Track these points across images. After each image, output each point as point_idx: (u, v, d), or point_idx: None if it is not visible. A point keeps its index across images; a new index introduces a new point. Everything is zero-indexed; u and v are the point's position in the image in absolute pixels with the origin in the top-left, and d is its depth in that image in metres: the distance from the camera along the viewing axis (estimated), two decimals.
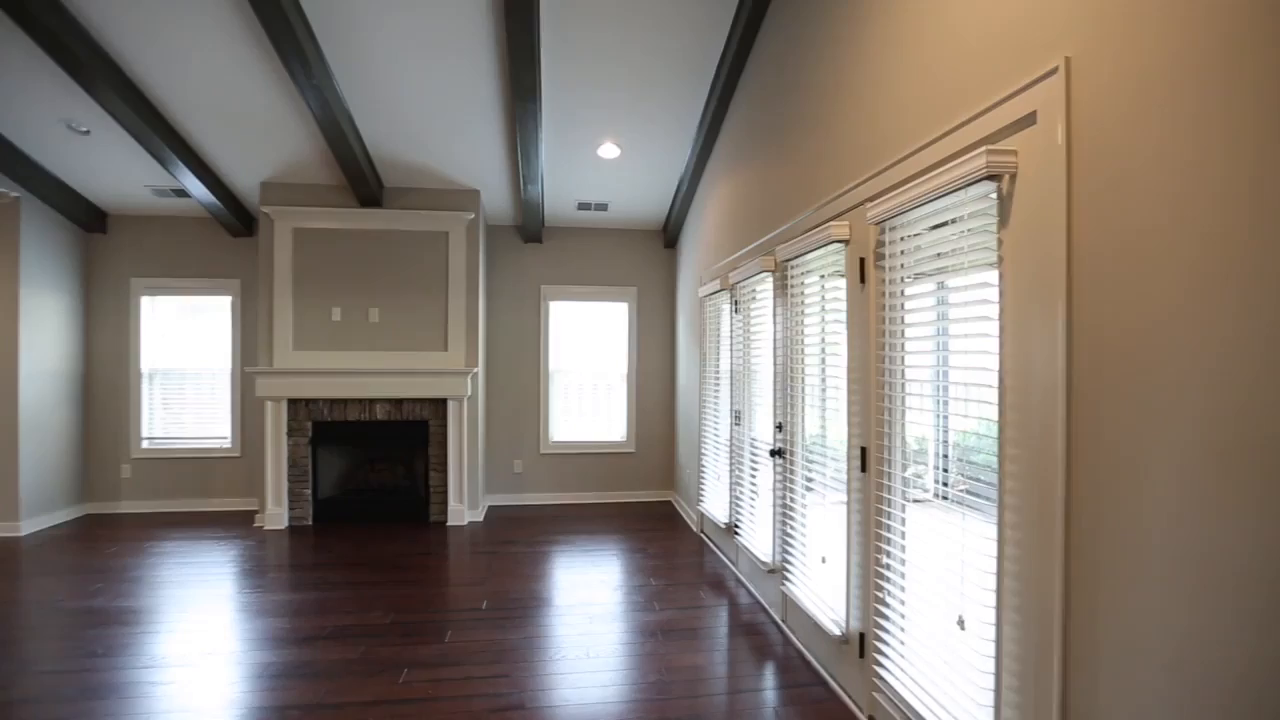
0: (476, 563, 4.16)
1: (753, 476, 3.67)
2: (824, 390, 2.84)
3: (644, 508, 5.67)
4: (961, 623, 1.80)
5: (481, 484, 5.44)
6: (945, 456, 2.08)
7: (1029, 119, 1.53)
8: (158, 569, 4.00)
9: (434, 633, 3.08)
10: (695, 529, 4.94)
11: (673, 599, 3.52)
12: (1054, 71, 1.44)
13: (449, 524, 5.05)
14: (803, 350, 2.96)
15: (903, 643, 2.08)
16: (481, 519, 5.26)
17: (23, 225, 4.68)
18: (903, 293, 2.15)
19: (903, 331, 2.14)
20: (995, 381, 1.66)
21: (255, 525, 4.96)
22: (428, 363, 5.06)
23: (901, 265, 2.13)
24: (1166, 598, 1.20)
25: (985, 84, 1.70)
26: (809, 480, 2.93)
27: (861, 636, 2.35)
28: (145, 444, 5.45)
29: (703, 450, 4.71)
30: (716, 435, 4.39)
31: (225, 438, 5.52)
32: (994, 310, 1.67)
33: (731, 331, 3.98)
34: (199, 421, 5.53)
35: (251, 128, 4.23)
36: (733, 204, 4.06)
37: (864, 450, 2.34)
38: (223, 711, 2.40)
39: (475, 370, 5.11)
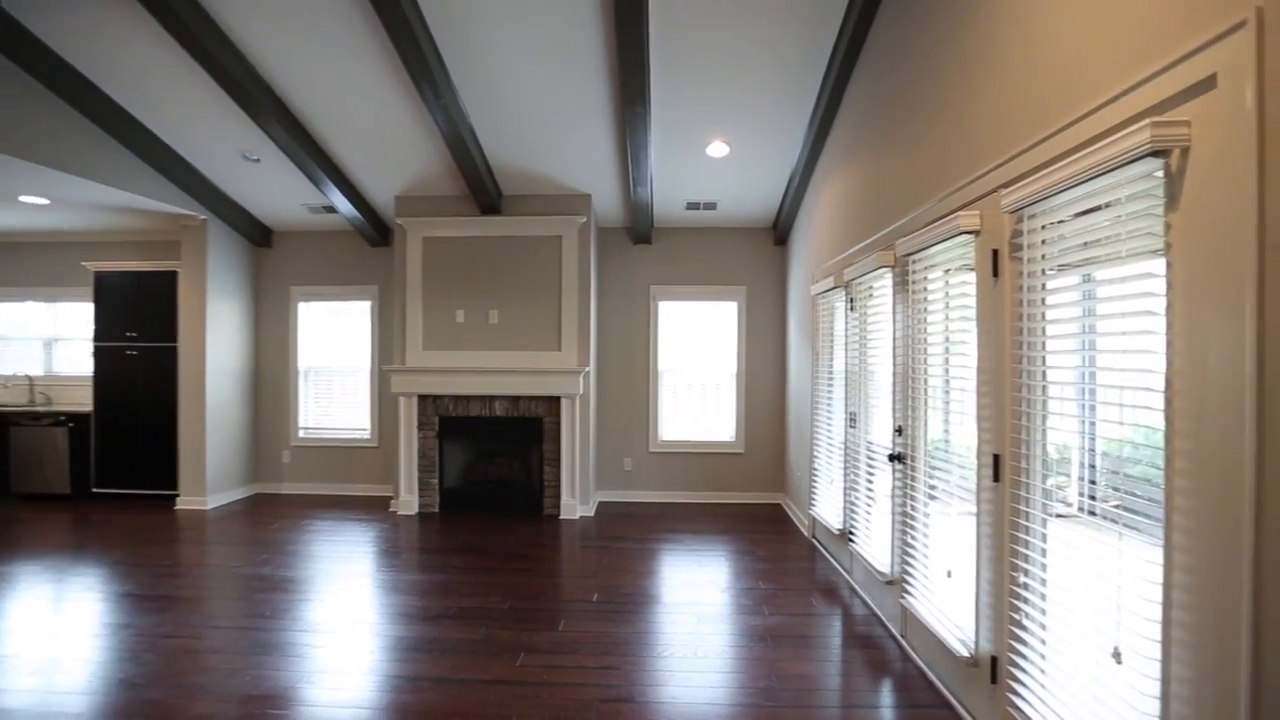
0: (587, 556, 4.29)
1: (869, 482, 3.49)
2: (948, 392, 2.65)
3: (753, 509, 5.58)
4: (1117, 655, 1.60)
5: (593, 480, 5.60)
6: (1092, 467, 1.87)
7: (1206, 83, 1.33)
8: (311, 544, 4.49)
9: (548, 620, 3.22)
10: (806, 533, 4.78)
11: (782, 604, 3.44)
12: (1241, 25, 1.24)
13: (561, 517, 5.24)
14: (925, 350, 2.78)
15: (1043, 671, 1.89)
16: (592, 514, 5.41)
17: (209, 243, 5.44)
18: (1043, 286, 1.96)
19: (1043, 329, 1.95)
20: (1161, 384, 1.46)
21: (390, 510, 5.43)
22: (542, 362, 5.29)
23: (1042, 256, 1.94)
24: None
25: (1147, 48, 1.50)
26: (932, 488, 2.75)
27: (994, 660, 2.17)
28: (301, 433, 6.13)
29: (815, 453, 4.55)
30: (830, 437, 4.23)
31: (365, 429, 6.09)
32: (1159, 303, 1.47)
33: (846, 330, 3.82)
34: (344, 414, 6.14)
35: (387, 147, 4.63)
36: (847, 198, 3.89)
37: (996, 458, 2.15)
38: (365, 676, 2.64)
39: (587, 369, 5.26)
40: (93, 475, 5.69)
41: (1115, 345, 1.67)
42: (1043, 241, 1.93)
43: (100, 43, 3.61)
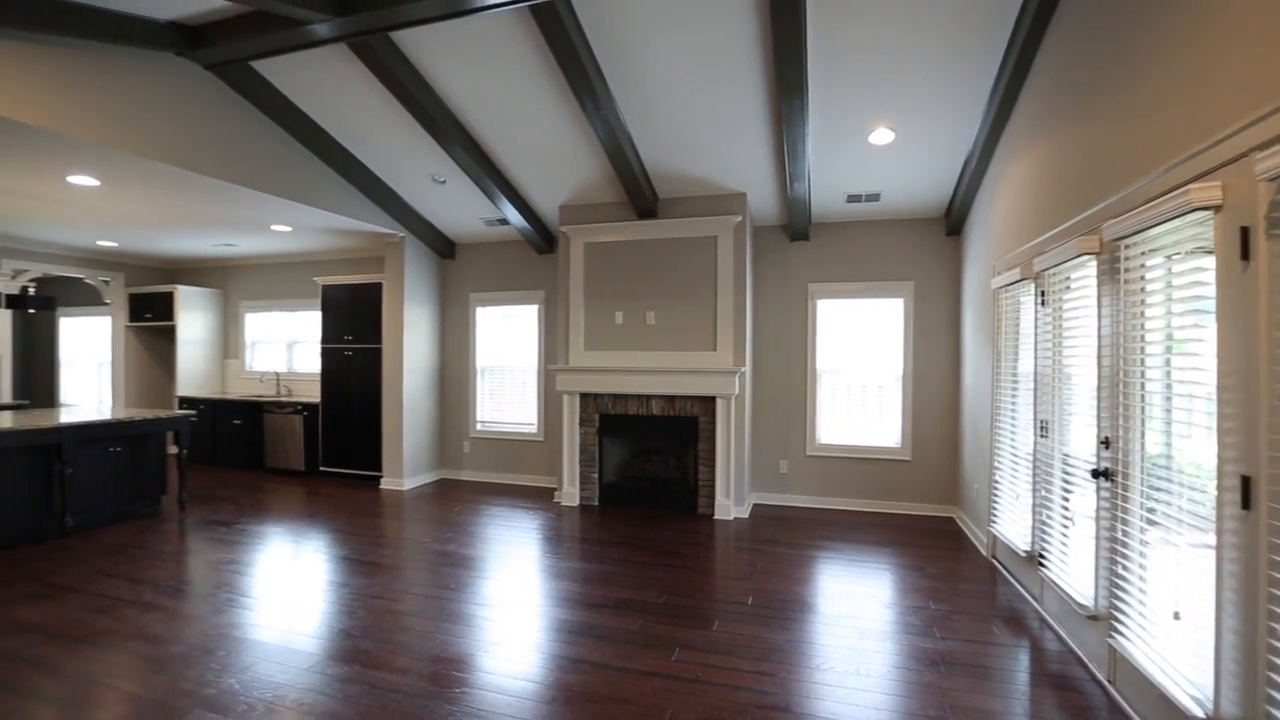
0: (741, 558, 4.24)
1: (1065, 500, 3.06)
2: (1170, 399, 2.24)
3: (920, 522, 5.15)
4: None
5: (747, 481, 5.53)
6: None
7: None
8: (487, 527, 4.95)
9: (702, 619, 3.23)
10: (985, 552, 4.31)
11: (956, 628, 3.13)
12: None
13: (715, 517, 5.24)
14: (1142, 349, 2.37)
15: None
16: (746, 515, 5.35)
17: (406, 257, 6.23)
18: None
19: None
20: None
21: (554, 500, 5.81)
22: (698, 362, 5.33)
23: None
24: None
25: None
26: (1150, 511, 2.34)
27: None
28: (479, 426, 6.78)
29: (996, 464, 4.09)
30: (1014, 447, 3.77)
31: (532, 424, 6.57)
32: None
33: (1035, 327, 3.38)
34: (514, 410, 6.69)
35: (552, 160, 4.96)
36: (1036, 179, 3.44)
37: (1246, 480, 1.78)
38: (532, 652, 2.85)
39: (743, 370, 5.21)
40: (320, 456, 6.77)
41: None
42: None
43: (326, 92, 4.28)
